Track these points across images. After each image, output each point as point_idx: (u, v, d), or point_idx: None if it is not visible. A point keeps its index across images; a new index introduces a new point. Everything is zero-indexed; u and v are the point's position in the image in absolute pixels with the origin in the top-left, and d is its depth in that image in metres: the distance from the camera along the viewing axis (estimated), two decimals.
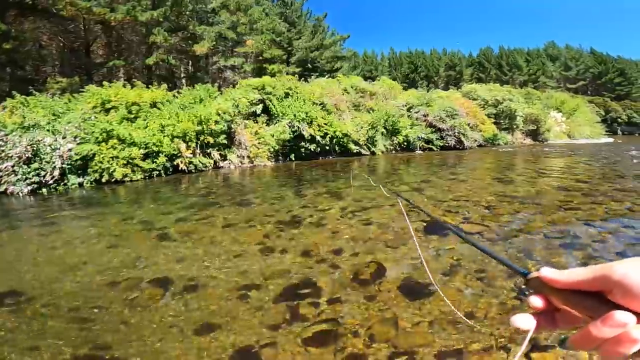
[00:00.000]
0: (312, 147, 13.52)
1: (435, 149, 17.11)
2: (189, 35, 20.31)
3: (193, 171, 10.42)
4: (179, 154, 10.21)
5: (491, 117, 21.43)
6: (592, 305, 0.35)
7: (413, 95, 19.52)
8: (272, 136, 12.65)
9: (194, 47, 19.64)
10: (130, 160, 9.08)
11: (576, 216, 4.84)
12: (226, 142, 11.59)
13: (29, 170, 7.79)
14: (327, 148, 14.07)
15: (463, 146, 17.89)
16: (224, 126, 11.15)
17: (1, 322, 2.58)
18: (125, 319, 2.58)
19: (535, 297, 0.39)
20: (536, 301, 0.39)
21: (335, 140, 14.07)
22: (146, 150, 9.52)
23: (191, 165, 10.40)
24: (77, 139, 8.79)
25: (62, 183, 8.25)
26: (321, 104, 14.49)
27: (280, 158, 13.17)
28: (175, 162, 10.17)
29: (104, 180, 8.64)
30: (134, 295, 2.93)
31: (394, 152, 16.36)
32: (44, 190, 7.88)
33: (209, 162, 10.98)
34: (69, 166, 8.37)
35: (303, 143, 13.34)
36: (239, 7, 22.01)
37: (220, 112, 11.11)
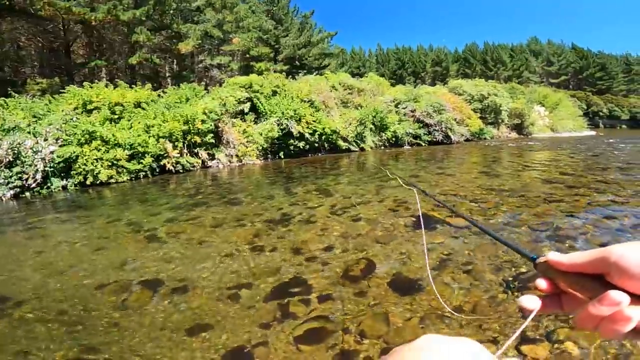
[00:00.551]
0: (301, 145, 13.49)
1: (423, 144, 17.26)
2: (173, 33, 19.93)
3: (181, 171, 10.29)
4: (166, 154, 10.06)
5: (477, 112, 21.71)
6: (593, 286, 0.36)
7: (400, 91, 19.61)
8: (261, 134, 12.57)
9: (179, 46, 19.29)
10: (115, 161, 8.91)
11: (560, 208, 4.96)
12: (214, 142, 11.46)
13: (11, 174, 7.59)
14: (316, 145, 14.06)
15: (450, 141, 18.11)
16: (211, 125, 11.03)
17: None
18: (115, 322, 2.55)
19: (541, 280, 0.41)
20: (542, 283, 0.41)
21: (324, 137, 14.06)
22: (132, 151, 9.35)
23: (178, 165, 10.27)
24: (59, 141, 8.57)
25: (46, 186, 8.05)
26: (309, 101, 14.44)
27: (269, 156, 13.10)
28: (162, 163, 10.01)
29: (89, 182, 8.47)
30: (123, 297, 2.90)
31: (383, 148, 16.45)
32: (27, 194, 7.71)
33: (197, 162, 10.86)
34: (52, 169, 8.17)
35: (292, 140, 13.30)
36: (225, 5, 21.71)
37: (206, 111, 10.99)
